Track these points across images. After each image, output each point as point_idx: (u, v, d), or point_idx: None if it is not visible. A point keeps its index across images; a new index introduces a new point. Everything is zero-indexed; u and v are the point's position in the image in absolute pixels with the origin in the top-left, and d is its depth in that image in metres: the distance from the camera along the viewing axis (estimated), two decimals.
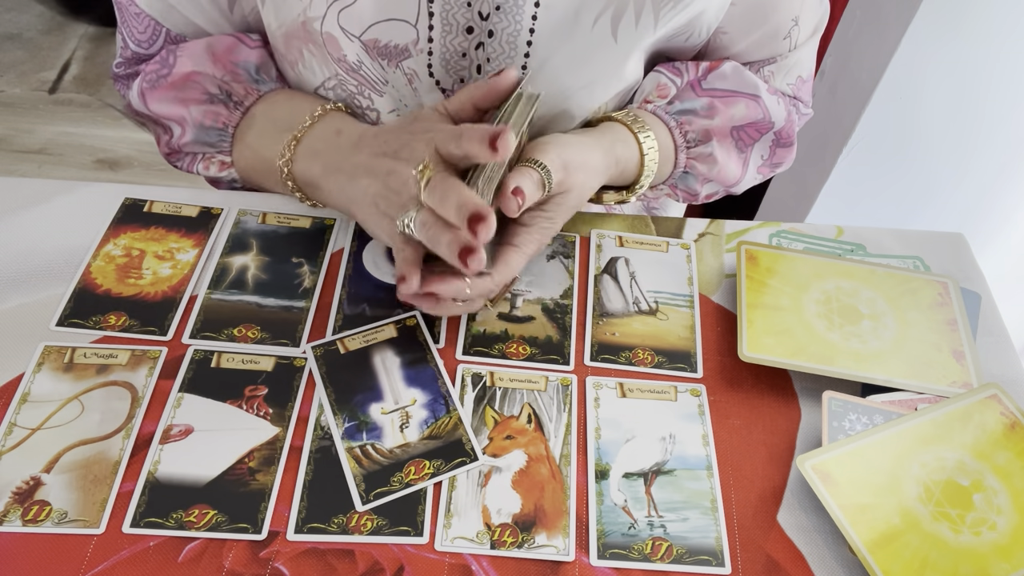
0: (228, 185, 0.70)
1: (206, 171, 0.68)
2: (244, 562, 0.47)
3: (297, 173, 0.61)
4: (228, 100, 0.65)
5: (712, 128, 0.67)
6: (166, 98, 0.64)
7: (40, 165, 1.88)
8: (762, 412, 0.57)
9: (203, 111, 0.64)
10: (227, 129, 0.65)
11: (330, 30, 0.59)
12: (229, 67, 0.64)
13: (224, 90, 0.64)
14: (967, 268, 0.67)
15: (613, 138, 0.62)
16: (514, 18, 0.59)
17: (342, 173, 0.58)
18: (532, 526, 0.49)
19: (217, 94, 0.64)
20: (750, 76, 0.68)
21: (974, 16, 0.97)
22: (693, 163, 0.68)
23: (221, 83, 0.64)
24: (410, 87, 0.63)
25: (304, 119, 0.62)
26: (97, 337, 0.56)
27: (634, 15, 0.59)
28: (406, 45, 0.60)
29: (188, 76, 0.63)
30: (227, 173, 0.67)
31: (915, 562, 0.48)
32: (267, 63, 0.66)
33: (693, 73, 0.68)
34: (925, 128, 1.11)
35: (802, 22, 0.67)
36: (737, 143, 0.69)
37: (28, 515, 0.47)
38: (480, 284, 0.54)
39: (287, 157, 0.61)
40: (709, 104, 0.67)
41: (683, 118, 0.67)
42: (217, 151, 0.66)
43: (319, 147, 0.60)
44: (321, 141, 0.60)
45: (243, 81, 0.65)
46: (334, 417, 0.53)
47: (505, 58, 0.61)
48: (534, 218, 0.56)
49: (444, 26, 0.59)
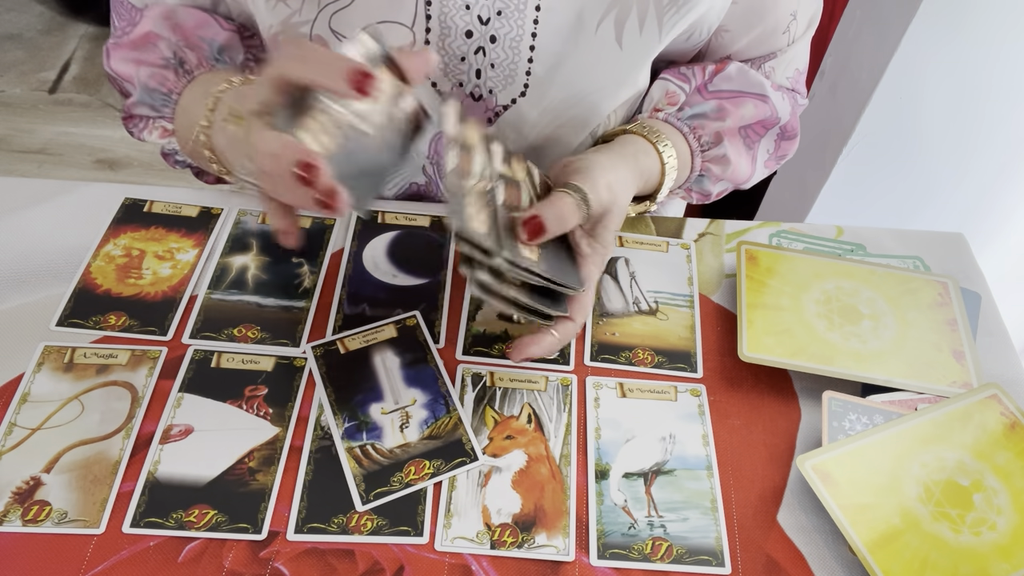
0: (173, 159, 0.67)
1: (151, 137, 0.65)
2: (244, 562, 0.47)
3: (216, 145, 0.55)
4: (179, 66, 0.62)
5: (723, 130, 0.67)
6: (126, 57, 0.63)
7: (40, 165, 1.88)
8: (762, 412, 0.57)
9: (151, 73, 0.62)
10: (171, 95, 0.63)
11: (320, 33, 0.59)
12: (193, 39, 0.62)
13: (178, 56, 0.62)
14: (967, 268, 0.67)
15: (635, 150, 0.62)
16: (516, 23, 0.58)
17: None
18: (532, 526, 0.49)
19: (170, 58, 0.62)
20: (755, 75, 0.68)
21: (974, 16, 0.97)
22: (708, 166, 0.68)
23: (176, 48, 0.62)
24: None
25: (222, 84, 0.56)
26: (97, 337, 0.56)
27: (638, 21, 0.59)
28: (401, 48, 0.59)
29: (146, 36, 0.62)
30: (168, 141, 0.65)
31: (915, 562, 0.48)
32: (234, 47, 0.64)
33: (700, 78, 0.68)
34: (925, 128, 1.11)
35: (799, 16, 0.68)
36: (745, 140, 0.69)
37: (28, 515, 0.47)
38: (566, 330, 0.54)
39: (206, 123, 0.55)
40: (719, 107, 0.67)
41: (695, 123, 0.67)
42: (159, 116, 0.64)
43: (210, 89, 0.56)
44: (212, 84, 0.56)
45: (202, 54, 0.63)
46: (334, 417, 0.53)
47: (509, 63, 0.61)
48: (589, 246, 0.55)
49: (442, 29, 0.59)
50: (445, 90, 0.63)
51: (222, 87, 0.55)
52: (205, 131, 0.55)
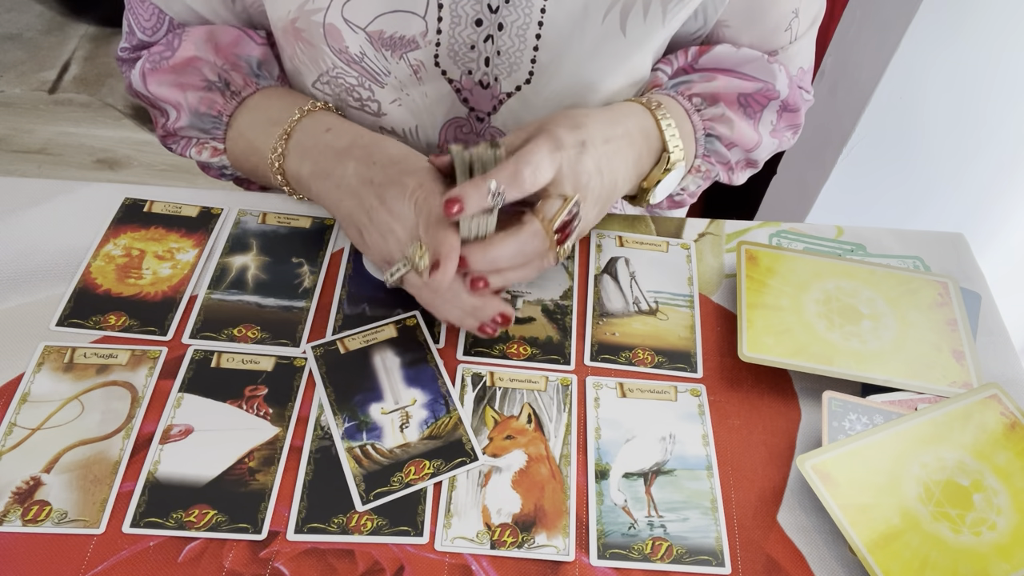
0: (219, 171, 0.70)
1: (199, 156, 0.68)
2: (244, 562, 0.47)
3: (288, 169, 0.62)
4: (226, 88, 0.65)
5: (717, 92, 0.66)
6: (166, 81, 0.64)
7: (40, 165, 1.88)
8: (762, 412, 0.57)
9: (199, 97, 0.64)
10: (221, 117, 0.65)
11: (333, 22, 0.59)
12: (231, 58, 0.64)
13: (223, 78, 0.64)
14: (967, 268, 0.67)
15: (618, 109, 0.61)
16: (524, 11, 0.59)
17: (330, 180, 0.58)
18: (532, 526, 0.49)
19: (215, 81, 0.64)
20: (745, 51, 0.67)
21: (974, 16, 0.97)
22: (712, 124, 0.67)
23: (221, 71, 0.64)
24: (415, 77, 0.63)
25: (293, 113, 0.62)
26: (97, 337, 0.56)
27: (642, 8, 0.59)
28: (413, 36, 0.60)
29: (189, 61, 0.63)
30: (219, 160, 0.67)
31: (915, 562, 0.48)
32: (270, 61, 0.67)
33: (683, 59, 0.68)
34: (925, 128, 1.11)
35: (801, 13, 0.68)
36: (746, 110, 0.68)
37: (28, 515, 0.47)
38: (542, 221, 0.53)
39: (279, 152, 0.61)
40: (705, 75, 0.67)
41: (681, 87, 0.67)
42: (211, 137, 0.66)
43: (308, 144, 0.60)
44: (310, 138, 0.61)
45: (243, 73, 0.65)
46: (334, 417, 0.53)
47: (515, 51, 0.61)
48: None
49: (453, 18, 0.59)
50: (455, 78, 0.63)
51: (295, 116, 0.62)
52: (279, 159, 0.62)
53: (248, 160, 0.65)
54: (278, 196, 0.68)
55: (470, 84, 0.64)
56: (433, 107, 0.66)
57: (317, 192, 0.60)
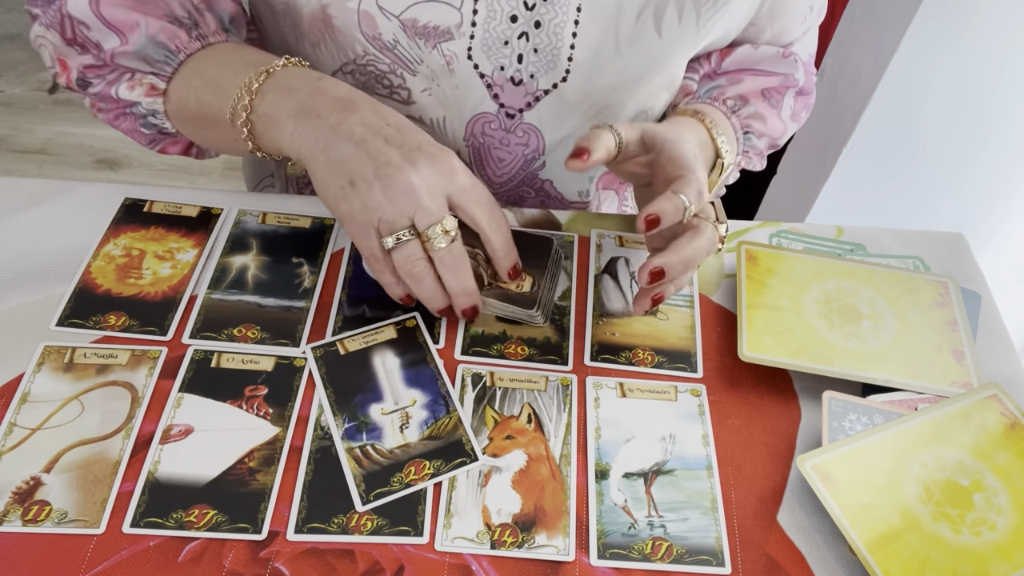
0: (139, 120, 0.62)
1: (129, 92, 0.60)
2: (244, 562, 0.47)
3: (258, 106, 0.55)
4: (193, 27, 0.59)
5: (746, 93, 0.71)
6: (124, 5, 0.57)
7: (40, 165, 1.88)
8: (762, 412, 0.57)
9: (160, 27, 0.58)
10: (178, 53, 0.59)
11: (367, 8, 0.59)
12: (205, 2, 0.61)
13: (192, 18, 0.59)
14: (967, 268, 0.67)
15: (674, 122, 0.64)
16: (560, 9, 0.60)
17: (320, 120, 0.53)
18: (532, 526, 0.49)
19: (184, 17, 0.59)
20: (764, 49, 0.72)
21: (974, 16, 0.97)
22: (749, 122, 0.72)
23: (192, 10, 0.59)
24: (447, 68, 0.63)
25: (278, 60, 0.57)
26: (97, 337, 0.56)
27: (676, 11, 0.61)
28: (448, 27, 0.60)
29: None
30: (151, 101, 0.60)
31: (915, 562, 0.48)
32: (240, 20, 0.63)
33: (707, 66, 0.72)
34: (925, 128, 1.11)
35: (815, 7, 0.73)
36: (769, 101, 0.73)
37: (28, 515, 0.47)
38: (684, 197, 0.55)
39: (253, 87, 0.55)
40: (731, 78, 0.72)
41: (713, 93, 0.71)
42: (154, 72, 0.59)
43: (295, 85, 0.55)
44: (300, 80, 0.55)
45: (216, 21, 0.61)
46: (334, 417, 0.53)
47: (551, 49, 0.62)
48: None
49: (488, 12, 0.60)
50: (486, 72, 0.64)
51: (280, 62, 0.56)
52: (250, 95, 0.55)
53: (198, 101, 0.58)
54: (278, 196, 0.68)
55: (502, 80, 0.64)
56: (462, 100, 0.65)
57: (292, 131, 0.54)
